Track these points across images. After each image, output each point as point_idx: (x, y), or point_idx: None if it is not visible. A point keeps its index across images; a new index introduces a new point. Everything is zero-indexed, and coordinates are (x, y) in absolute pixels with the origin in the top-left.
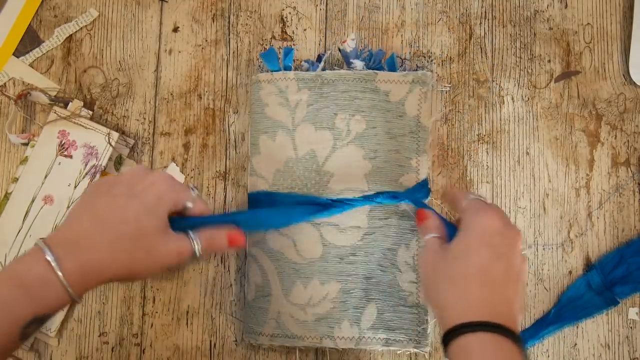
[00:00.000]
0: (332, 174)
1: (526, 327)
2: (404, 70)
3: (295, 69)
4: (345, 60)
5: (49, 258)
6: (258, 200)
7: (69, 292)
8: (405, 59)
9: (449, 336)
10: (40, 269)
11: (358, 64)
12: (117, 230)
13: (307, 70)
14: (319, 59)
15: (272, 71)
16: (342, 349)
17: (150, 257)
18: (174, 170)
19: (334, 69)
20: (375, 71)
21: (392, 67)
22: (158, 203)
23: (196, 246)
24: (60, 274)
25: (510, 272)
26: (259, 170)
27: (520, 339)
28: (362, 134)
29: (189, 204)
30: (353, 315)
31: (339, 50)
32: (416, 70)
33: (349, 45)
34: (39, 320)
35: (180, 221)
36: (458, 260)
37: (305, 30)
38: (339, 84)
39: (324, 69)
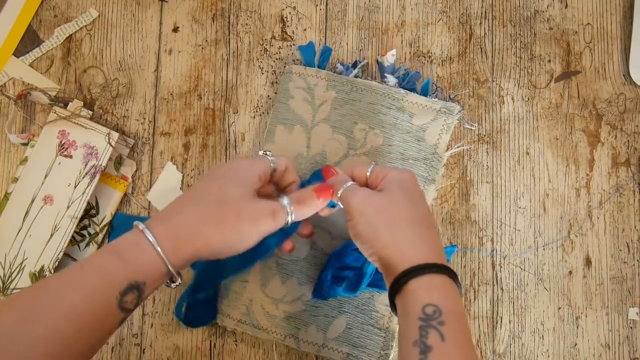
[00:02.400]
0: None
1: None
2: (436, 96)
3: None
4: (380, 73)
5: (140, 226)
6: None
7: (161, 256)
8: (439, 86)
9: (406, 276)
10: (132, 237)
11: (391, 79)
12: (200, 200)
13: (341, 73)
14: (355, 64)
15: (306, 65)
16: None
17: (243, 219)
18: (171, 169)
19: (367, 79)
20: (406, 91)
21: (425, 92)
22: (240, 176)
23: (287, 204)
24: (148, 233)
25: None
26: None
27: (456, 276)
28: (376, 149)
29: (273, 166)
30: (322, 322)
31: (377, 61)
32: (448, 100)
33: (388, 59)
34: (136, 288)
35: None
36: (407, 205)
37: (305, 30)
38: (367, 94)
39: (356, 76)
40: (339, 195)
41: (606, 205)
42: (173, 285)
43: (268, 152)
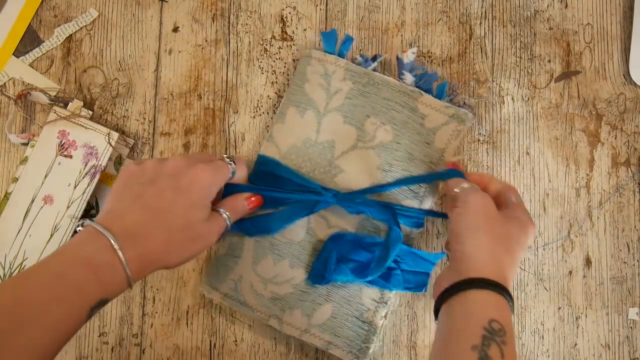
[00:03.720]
0: (342, 170)
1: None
2: (451, 100)
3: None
4: (399, 70)
5: (115, 246)
6: (265, 164)
7: (129, 279)
8: (455, 89)
9: (480, 282)
10: (107, 256)
11: (409, 77)
12: (169, 223)
13: (360, 64)
14: (375, 58)
15: (326, 52)
16: (316, 347)
17: (197, 244)
18: None
19: (384, 74)
20: (422, 91)
21: (440, 94)
22: (203, 196)
23: (227, 220)
24: (124, 261)
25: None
26: (276, 138)
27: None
28: (385, 145)
29: (232, 176)
30: (308, 307)
31: (397, 57)
32: (462, 105)
33: (408, 56)
34: (103, 303)
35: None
36: (516, 234)
37: (305, 30)
38: (383, 89)
39: (374, 70)
40: (458, 189)
41: (606, 205)
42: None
43: (230, 160)
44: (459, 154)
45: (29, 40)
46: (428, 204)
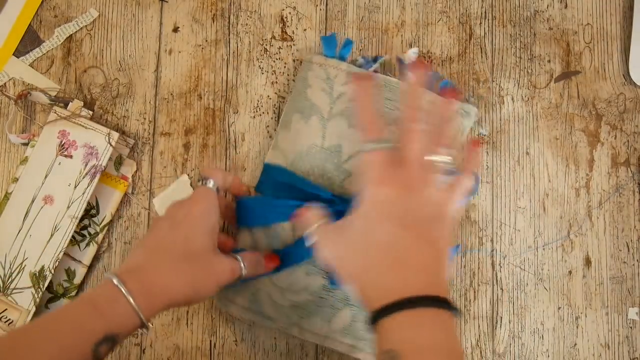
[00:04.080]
0: (349, 173)
1: None
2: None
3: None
4: (400, 70)
5: (114, 280)
6: (271, 173)
7: (138, 313)
8: (457, 87)
9: (383, 312)
10: (109, 291)
11: (411, 77)
12: (171, 252)
13: (361, 66)
14: (375, 59)
15: (327, 56)
16: (340, 352)
17: (209, 275)
18: (184, 183)
19: (386, 75)
20: (424, 89)
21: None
22: (199, 224)
23: (243, 268)
24: (126, 292)
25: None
26: (282, 146)
27: (453, 304)
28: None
29: (215, 189)
30: (327, 313)
31: (397, 58)
32: (465, 101)
33: (409, 57)
34: (111, 340)
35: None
36: (363, 235)
37: (305, 30)
38: (386, 90)
39: (375, 71)
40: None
41: (606, 205)
42: (145, 331)
43: (206, 181)
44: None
45: (29, 40)
46: None
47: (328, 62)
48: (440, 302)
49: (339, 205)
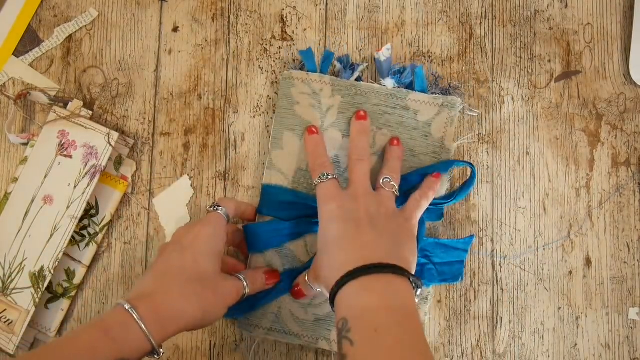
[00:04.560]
0: None
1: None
2: (435, 88)
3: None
4: (379, 70)
5: (126, 306)
6: (272, 193)
7: (147, 336)
8: (438, 76)
9: (337, 286)
10: (119, 316)
11: (389, 82)
12: (181, 276)
13: (339, 71)
14: (353, 67)
15: (308, 71)
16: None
17: (217, 296)
18: (185, 184)
19: (370, 81)
20: (408, 90)
21: (422, 83)
22: (207, 248)
23: (246, 287)
24: (136, 315)
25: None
26: (277, 164)
27: (408, 272)
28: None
29: (225, 216)
30: None
31: (374, 59)
32: (447, 92)
33: (384, 54)
34: None
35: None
36: (322, 240)
37: (305, 30)
38: (372, 97)
39: (358, 79)
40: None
41: (606, 205)
42: (156, 357)
43: (217, 207)
44: (458, 139)
45: (29, 40)
46: (441, 193)
47: (310, 77)
48: (393, 269)
49: None
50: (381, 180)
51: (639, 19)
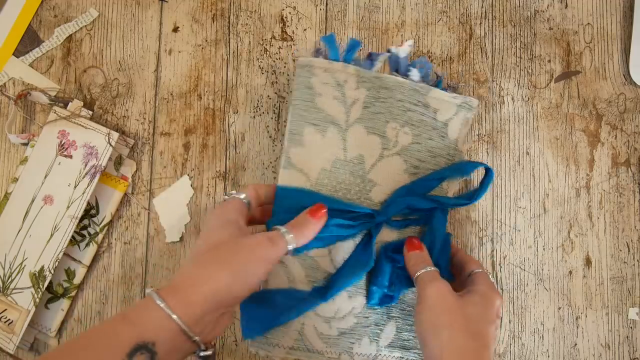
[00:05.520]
0: (375, 183)
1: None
2: (454, 89)
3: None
4: (391, 65)
5: (147, 291)
6: (294, 197)
7: (167, 312)
8: (440, 75)
9: None
10: (140, 302)
11: (415, 75)
12: (197, 248)
13: (357, 60)
14: (371, 57)
15: (330, 60)
16: None
17: (244, 251)
18: (185, 184)
19: (392, 74)
20: (429, 86)
21: (439, 84)
22: (220, 220)
23: (283, 230)
24: (150, 290)
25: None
26: (299, 164)
27: None
28: (407, 147)
29: (245, 200)
30: (373, 331)
31: (388, 51)
32: (454, 88)
33: (404, 50)
34: (145, 348)
35: None
36: (470, 305)
37: (305, 30)
38: (396, 91)
39: (379, 70)
40: (416, 275)
41: (606, 205)
42: (202, 354)
43: (231, 192)
44: (468, 141)
45: (29, 40)
46: (454, 187)
47: (333, 67)
48: None
49: (378, 216)
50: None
51: (639, 19)
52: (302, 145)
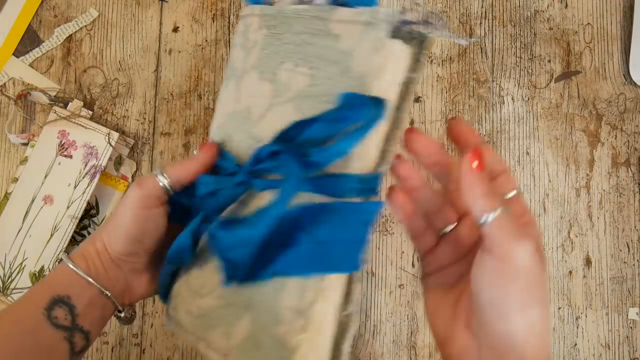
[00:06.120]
0: (259, 140)
1: None
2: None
3: None
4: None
5: (62, 256)
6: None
7: (70, 267)
8: (416, 2)
9: None
10: (56, 266)
11: None
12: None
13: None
14: None
15: (248, 3)
16: None
17: (117, 208)
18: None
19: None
20: (332, 6)
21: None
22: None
23: (156, 170)
24: (65, 257)
25: None
26: (211, 128)
27: None
28: (302, 92)
29: (162, 183)
30: (229, 321)
31: None
32: (425, 23)
33: None
34: (62, 302)
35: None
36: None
37: None
38: (295, 22)
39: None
40: (486, 219)
41: (606, 205)
42: (121, 314)
43: (158, 170)
44: (398, 83)
45: (29, 40)
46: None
47: (245, 11)
48: None
49: (239, 176)
50: None
51: (639, 19)
52: (217, 109)
